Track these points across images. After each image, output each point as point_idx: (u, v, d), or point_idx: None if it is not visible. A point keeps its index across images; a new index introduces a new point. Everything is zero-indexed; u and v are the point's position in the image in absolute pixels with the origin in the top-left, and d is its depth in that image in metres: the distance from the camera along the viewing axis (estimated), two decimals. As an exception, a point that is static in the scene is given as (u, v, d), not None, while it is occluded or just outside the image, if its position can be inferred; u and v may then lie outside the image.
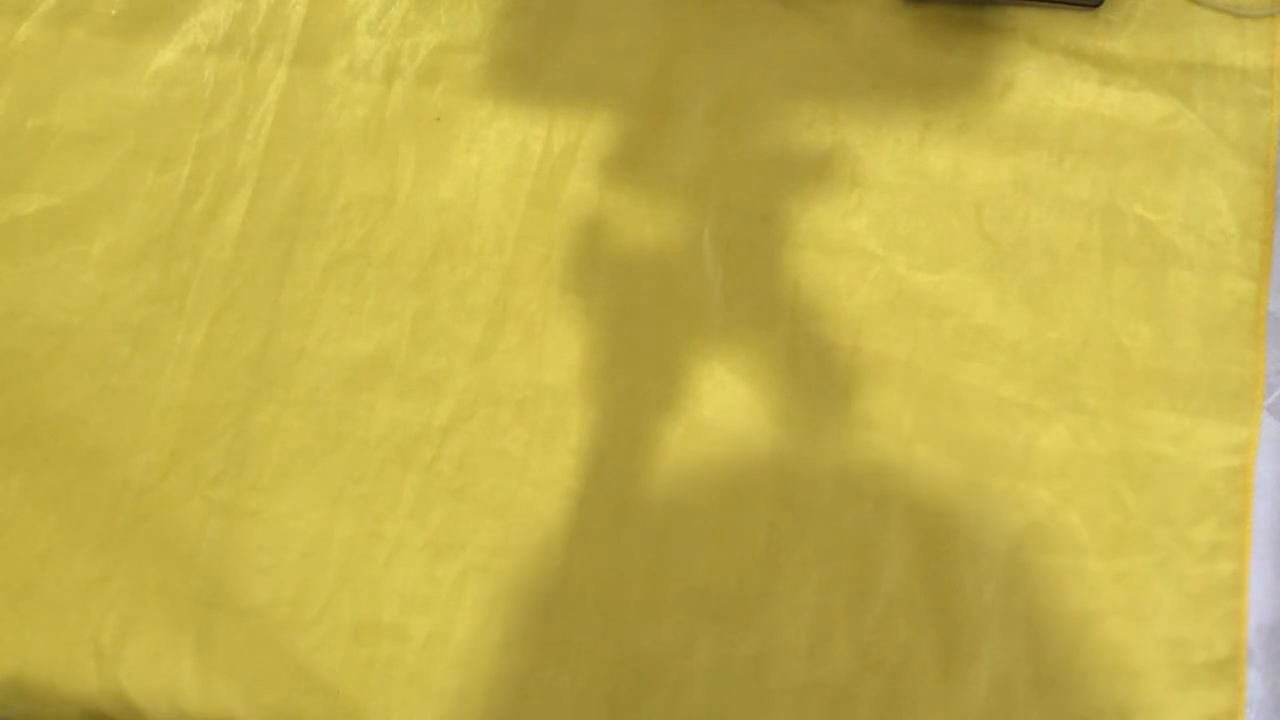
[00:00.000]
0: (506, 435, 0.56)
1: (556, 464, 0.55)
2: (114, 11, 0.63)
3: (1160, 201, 0.56)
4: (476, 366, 0.57)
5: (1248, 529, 0.52)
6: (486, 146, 0.60)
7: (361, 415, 0.56)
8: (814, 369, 0.55)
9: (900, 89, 0.59)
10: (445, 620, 0.54)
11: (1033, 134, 0.57)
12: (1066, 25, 0.59)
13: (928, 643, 0.52)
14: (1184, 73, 0.57)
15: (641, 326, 0.56)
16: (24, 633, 0.55)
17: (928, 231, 0.57)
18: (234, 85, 0.61)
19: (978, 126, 0.58)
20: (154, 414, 0.57)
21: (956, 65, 0.59)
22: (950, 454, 0.54)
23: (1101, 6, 0.58)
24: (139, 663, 0.54)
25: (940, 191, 0.57)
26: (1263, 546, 0.54)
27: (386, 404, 0.56)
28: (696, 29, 0.60)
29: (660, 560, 0.54)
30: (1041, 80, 0.58)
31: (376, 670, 0.53)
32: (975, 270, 0.56)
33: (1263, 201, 0.56)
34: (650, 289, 0.57)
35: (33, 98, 0.62)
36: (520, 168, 0.59)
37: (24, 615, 0.55)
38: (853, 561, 0.53)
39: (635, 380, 0.56)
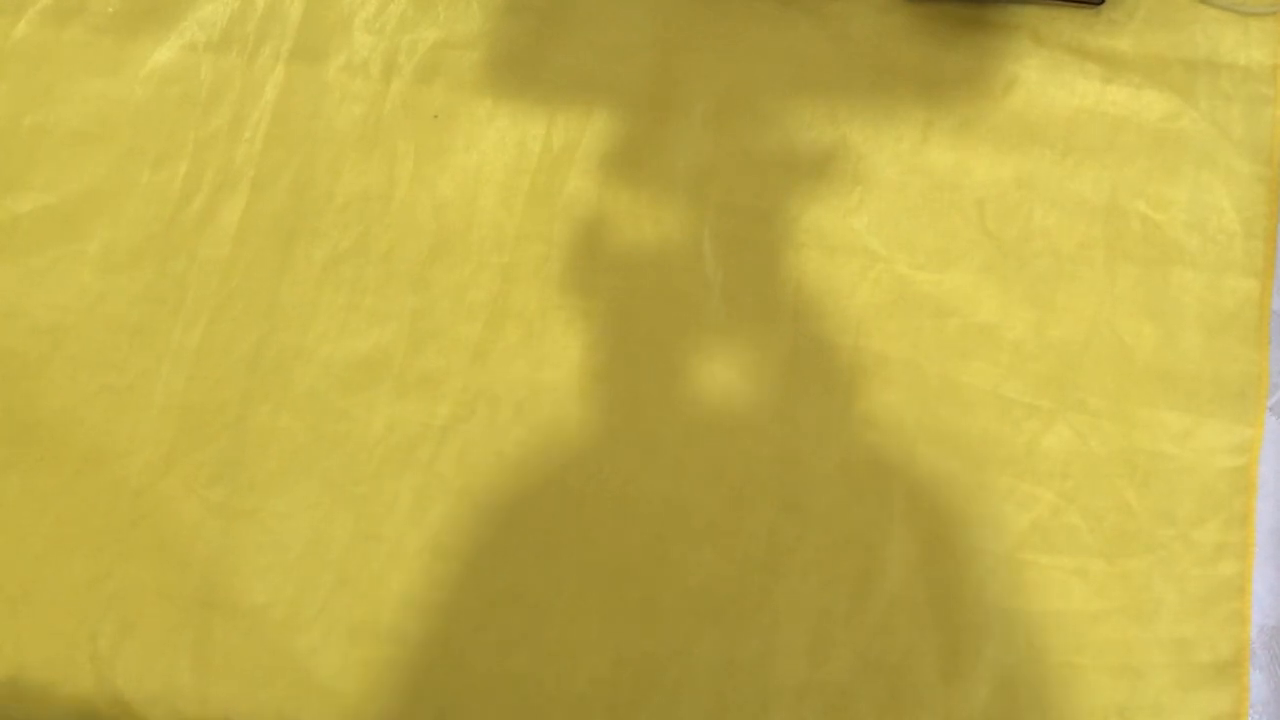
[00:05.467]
0: (506, 435, 0.55)
1: (556, 464, 0.55)
2: (111, 9, 0.63)
3: (1163, 199, 0.56)
4: (475, 366, 0.56)
5: (1251, 529, 0.52)
6: (485, 144, 0.59)
7: (359, 415, 0.56)
8: (815, 368, 0.55)
9: (902, 87, 0.58)
10: (444, 620, 0.54)
11: (1035, 132, 0.57)
12: (1069, 22, 0.58)
13: (929, 643, 0.52)
14: (1187, 70, 0.57)
15: (641, 326, 0.56)
16: (20, 633, 0.54)
17: (930, 230, 0.57)
18: (231, 83, 0.61)
19: (980, 124, 0.58)
20: (151, 413, 0.57)
21: (958, 63, 0.59)
22: (952, 453, 0.54)
23: (1104, 4, 0.58)
24: (136, 663, 0.54)
25: (942, 190, 0.57)
26: (1266, 547, 0.53)
27: (385, 403, 0.56)
28: (696, 27, 0.60)
29: (660, 560, 0.54)
30: (1044, 78, 0.58)
31: (375, 671, 0.53)
32: (977, 269, 0.56)
33: (1266, 199, 0.55)
34: (650, 288, 0.57)
35: (29, 95, 0.62)
36: (519, 165, 0.59)
37: (20, 616, 0.55)
38: (853, 561, 0.53)
39: (635, 380, 0.56)
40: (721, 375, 0.55)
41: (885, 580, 0.53)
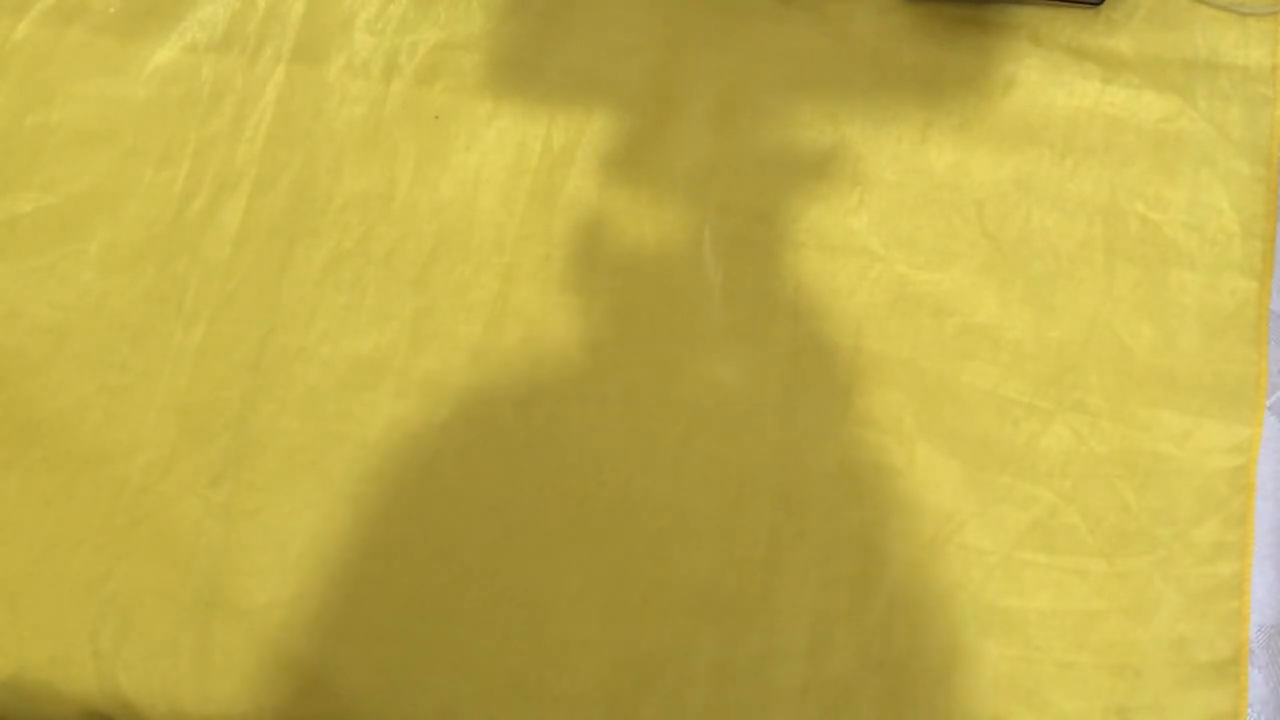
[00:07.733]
0: (506, 435, 0.55)
1: (556, 464, 0.55)
2: (112, 10, 0.63)
3: (1162, 200, 0.56)
4: (476, 366, 0.56)
5: (1250, 529, 0.52)
6: (486, 145, 0.59)
7: (360, 415, 0.56)
8: (815, 368, 0.55)
9: (901, 87, 0.58)
10: (445, 621, 0.54)
11: (1034, 132, 0.57)
12: (1068, 23, 0.58)
13: (929, 643, 0.52)
14: (1186, 71, 0.57)
15: (641, 326, 0.56)
16: (22, 633, 0.54)
17: (929, 230, 0.57)
18: (232, 83, 0.61)
19: (979, 125, 0.58)
20: (152, 413, 0.57)
21: (958, 63, 0.59)
22: (952, 453, 0.54)
23: (1104, 4, 0.58)
24: (137, 663, 0.54)
25: (941, 190, 0.57)
26: (1265, 546, 0.54)
27: (385, 403, 0.56)
28: (697, 27, 0.60)
29: (660, 560, 0.54)
30: (1043, 78, 0.58)
31: (375, 671, 0.53)
32: (977, 269, 0.56)
33: (1265, 200, 0.55)
34: (650, 288, 0.57)
35: (31, 96, 0.62)
36: (520, 166, 0.59)
37: (22, 615, 0.55)
38: (853, 561, 0.53)
39: (635, 380, 0.56)
40: (721, 375, 0.55)
41: (884, 580, 0.53)
